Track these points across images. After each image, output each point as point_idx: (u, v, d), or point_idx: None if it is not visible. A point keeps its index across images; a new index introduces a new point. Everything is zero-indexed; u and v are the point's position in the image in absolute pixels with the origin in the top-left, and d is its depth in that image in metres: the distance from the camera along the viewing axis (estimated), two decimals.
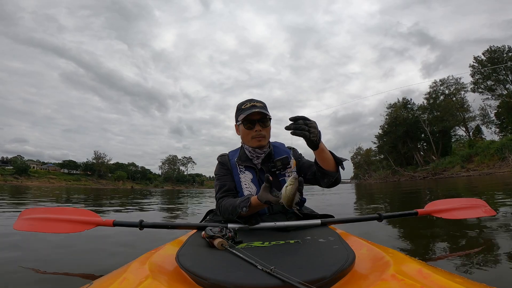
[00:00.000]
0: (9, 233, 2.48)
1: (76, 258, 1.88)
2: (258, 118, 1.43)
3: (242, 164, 1.48)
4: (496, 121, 39.77)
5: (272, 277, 0.65)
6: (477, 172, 28.01)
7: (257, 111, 1.40)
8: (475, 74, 40.53)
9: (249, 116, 1.41)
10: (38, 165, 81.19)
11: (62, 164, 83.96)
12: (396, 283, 0.61)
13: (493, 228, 2.32)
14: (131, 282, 0.67)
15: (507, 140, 29.71)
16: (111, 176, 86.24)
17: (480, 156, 31.50)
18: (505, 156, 27.46)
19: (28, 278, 1.49)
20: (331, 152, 1.36)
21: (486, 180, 13.88)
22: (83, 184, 70.77)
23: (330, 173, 1.32)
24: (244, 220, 1.29)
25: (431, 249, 1.89)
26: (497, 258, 1.60)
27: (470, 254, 1.72)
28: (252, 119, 1.43)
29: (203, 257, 0.84)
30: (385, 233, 2.55)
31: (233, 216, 1.31)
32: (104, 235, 2.50)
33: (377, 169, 59.79)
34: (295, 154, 1.58)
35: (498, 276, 1.35)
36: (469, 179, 17.98)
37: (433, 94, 47.04)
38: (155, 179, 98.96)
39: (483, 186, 9.43)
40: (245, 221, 1.29)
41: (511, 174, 19.74)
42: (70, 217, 1.52)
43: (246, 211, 1.24)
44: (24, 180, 64.07)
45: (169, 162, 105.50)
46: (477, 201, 1.83)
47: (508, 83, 37.27)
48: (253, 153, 1.48)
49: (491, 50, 38.60)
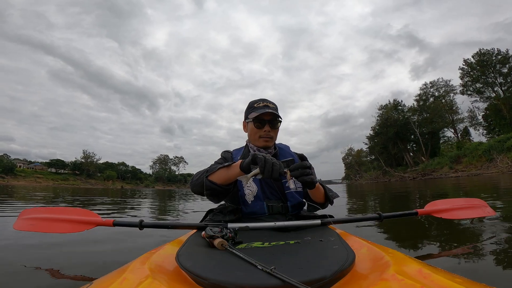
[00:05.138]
0: (9, 233, 2.44)
1: (76, 258, 1.85)
2: (268, 118, 1.43)
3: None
4: (484, 123, 40.72)
5: (272, 277, 0.64)
6: (465, 173, 28.58)
7: (269, 112, 1.40)
8: (464, 76, 41.28)
9: (261, 115, 1.41)
10: (24, 164, 79.59)
11: (50, 163, 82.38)
12: (396, 283, 0.61)
13: (493, 228, 2.34)
14: (131, 282, 0.66)
15: (494, 142, 30.39)
16: (100, 175, 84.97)
17: (468, 157, 32.14)
18: (492, 158, 28.07)
19: (28, 278, 1.47)
20: (323, 187, 1.42)
21: (474, 181, 14.13)
22: (71, 183, 69.53)
23: (318, 204, 1.40)
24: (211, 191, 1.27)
25: (431, 249, 1.89)
26: (497, 258, 1.61)
27: (470, 254, 1.72)
28: (263, 119, 1.43)
29: (203, 257, 0.84)
30: (385, 233, 2.56)
31: (201, 177, 1.28)
32: (104, 235, 2.47)
33: (368, 169, 60.51)
34: (302, 160, 1.59)
35: (498, 276, 1.36)
36: (458, 180, 18.27)
37: (423, 96, 47.81)
38: (145, 178, 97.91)
39: (472, 187, 9.59)
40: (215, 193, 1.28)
41: (499, 175, 20.14)
42: (70, 217, 1.50)
43: (218, 167, 1.25)
44: (10, 179, 62.64)
45: (160, 161, 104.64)
46: (477, 201, 1.83)
47: (496, 85, 38.06)
48: None
49: (481, 53, 39.36)
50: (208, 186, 1.26)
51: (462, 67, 41.70)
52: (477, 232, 2.27)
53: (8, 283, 1.39)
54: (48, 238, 2.20)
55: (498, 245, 1.84)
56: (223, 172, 1.25)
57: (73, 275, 1.51)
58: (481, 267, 1.49)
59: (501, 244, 1.85)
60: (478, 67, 39.14)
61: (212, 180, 1.26)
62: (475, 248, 1.82)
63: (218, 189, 1.26)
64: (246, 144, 1.57)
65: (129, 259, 0.92)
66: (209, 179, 1.26)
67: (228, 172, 1.23)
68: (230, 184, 1.28)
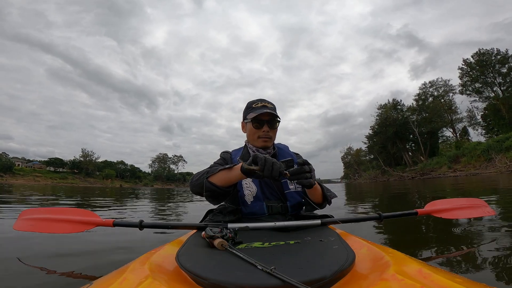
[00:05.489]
0: (8, 233, 2.43)
1: (76, 258, 1.85)
2: (267, 119, 1.43)
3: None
4: (482, 123, 40.79)
5: (272, 277, 0.64)
6: (464, 172, 28.65)
7: (267, 112, 1.40)
8: (463, 76, 41.35)
9: (259, 116, 1.41)
10: (23, 162, 79.22)
11: (48, 161, 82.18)
12: (396, 283, 0.60)
13: (493, 228, 2.34)
14: (131, 282, 0.66)
15: (493, 142, 30.47)
16: (99, 174, 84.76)
17: (467, 157, 32.22)
18: (491, 157, 28.12)
19: (28, 278, 1.47)
20: (321, 186, 1.41)
21: (472, 181, 14.15)
22: (70, 182, 69.32)
23: (315, 205, 1.40)
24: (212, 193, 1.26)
25: (431, 249, 1.89)
26: (497, 258, 1.61)
27: (470, 254, 1.72)
28: (262, 119, 1.42)
29: (203, 257, 0.83)
30: (385, 233, 2.56)
31: (202, 178, 1.28)
32: (104, 235, 2.47)
33: (367, 169, 60.58)
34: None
35: (498, 276, 1.35)
36: (456, 180, 18.30)
37: (422, 95, 47.91)
38: (144, 177, 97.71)
39: (470, 187, 9.61)
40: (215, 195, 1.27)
41: (497, 175, 20.18)
42: (70, 217, 1.49)
43: (219, 169, 1.24)
44: (8, 178, 62.36)
45: (159, 160, 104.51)
46: (477, 201, 1.83)
47: (495, 85, 38.15)
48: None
49: (480, 53, 39.44)
50: (207, 187, 1.25)
51: (461, 67, 41.85)
52: (477, 232, 2.27)
53: (8, 283, 1.39)
54: (48, 238, 2.20)
55: (498, 245, 1.84)
56: (223, 174, 1.24)
57: (73, 275, 1.50)
58: (481, 267, 1.48)
59: (501, 244, 1.85)
60: (477, 67, 39.25)
61: (212, 181, 1.25)
62: (475, 248, 1.82)
63: (218, 191, 1.25)
64: (245, 145, 1.57)
65: (129, 259, 0.92)
66: (209, 180, 1.26)
67: (229, 174, 1.23)
68: (230, 186, 1.27)
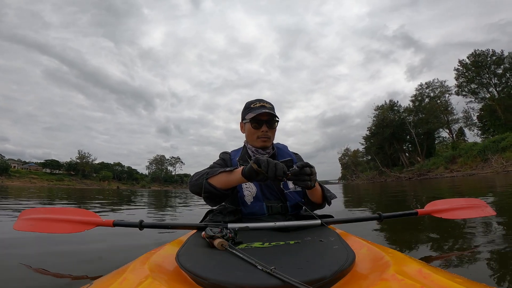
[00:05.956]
0: (8, 233, 2.42)
1: (76, 258, 1.85)
2: (266, 119, 1.42)
3: (243, 164, 1.44)
4: (478, 124, 41.05)
5: (272, 277, 0.64)
6: (460, 173, 28.82)
7: (266, 112, 1.40)
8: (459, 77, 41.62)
9: (258, 116, 1.41)
10: (19, 164, 78.81)
11: (44, 163, 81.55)
12: (396, 283, 0.61)
13: (493, 228, 2.35)
14: (131, 282, 0.66)
15: (489, 142, 30.68)
16: (96, 176, 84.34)
17: (463, 158, 32.43)
18: (487, 158, 28.31)
19: (28, 278, 1.46)
20: (321, 186, 1.41)
21: (469, 181, 14.23)
22: (66, 184, 68.74)
23: (316, 205, 1.40)
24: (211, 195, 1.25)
25: (431, 249, 1.89)
26: (497, 258, 1.62)
27: (470, 254, 1.73)
28: (260, 119, 1.42)
29: (203, 257, 0.83)
30: (385, 233, 2.56)
31: (201, 178, 1.27)
32: (104, 235, 2.46)
33: (364, 170, 60.79)
34: (299, 159, 1.59)
35: (499, 276, 1.36)
36: (453, 180, 18.39)
37: (419, 96, 48.17)
38: (142, 179, 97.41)
39: (468, 187, 9.66)
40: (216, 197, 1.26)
41: (493, 175, 20.31)
42: (70, 217, 1.49)
43: (220, 171, 1.23)
44: (4, 180, 61.96)
45: (157, 162, 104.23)
46: (477, 201, 1.83)
47: (491, 86, 38.42)
48: (256, 154, 1.47)
49: (476, 54, 39.71)
50: (207, 188, 1.24)
51: (457, 68, 42.18)
52: (477, 232, 2.27)
53: (8, 283, 1.39)
54: (48, 238, 2.19)
55: (498, 245, 1.85)
56: (224, 176, 1.23)
57: (73, 275, 1.50)
58: (481, 267, 1.49)
59: (501, 244, 1.86)
60: (473, 68, 39.56)
61: (212, 183, 1.24)
62: (475, 248, 1.83)
63: (217, 193, 1.25)
64: (244, 145, 1.56)
65: (129, 259, 0.91)
66: (208, 182, 1.25)
67: (229, 177, 1.22)
68: (229, 189, 1.26)
